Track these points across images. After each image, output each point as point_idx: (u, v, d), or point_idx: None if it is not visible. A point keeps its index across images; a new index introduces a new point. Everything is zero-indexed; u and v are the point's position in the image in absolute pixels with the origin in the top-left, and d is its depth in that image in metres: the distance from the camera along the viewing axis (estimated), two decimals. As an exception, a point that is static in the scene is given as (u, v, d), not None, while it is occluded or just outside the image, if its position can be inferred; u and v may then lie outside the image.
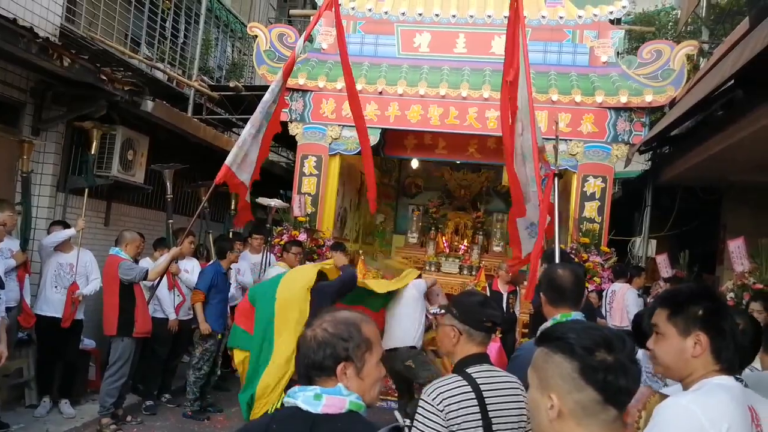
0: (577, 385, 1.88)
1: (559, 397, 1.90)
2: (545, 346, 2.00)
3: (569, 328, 1.99)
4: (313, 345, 2.30)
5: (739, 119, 7.71)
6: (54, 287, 8.18)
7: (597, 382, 1.86)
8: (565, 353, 1.92)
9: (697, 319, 2.65)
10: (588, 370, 1.87)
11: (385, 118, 11.96)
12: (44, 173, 8.89)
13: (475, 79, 11.69)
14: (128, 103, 8.91)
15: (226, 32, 14.64)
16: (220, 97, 12.93)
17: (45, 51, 7.19)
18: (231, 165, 7.98)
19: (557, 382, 1.92)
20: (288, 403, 2.30)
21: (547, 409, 1.92)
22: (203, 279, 8.97)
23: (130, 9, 10.82)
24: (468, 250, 16.04)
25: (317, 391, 2.25)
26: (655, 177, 12.02)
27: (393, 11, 12.47)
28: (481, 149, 13.76)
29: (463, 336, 3.55)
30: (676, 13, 18.02)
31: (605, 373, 1.85)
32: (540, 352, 2.01)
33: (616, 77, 11.43)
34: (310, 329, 2.35)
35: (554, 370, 1.93)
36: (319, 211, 12.21)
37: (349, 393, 2.26)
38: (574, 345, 1.91)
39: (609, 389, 1.86)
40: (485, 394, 3.31)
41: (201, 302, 8.81)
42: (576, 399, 1.88)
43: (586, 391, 1.87)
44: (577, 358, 1.89)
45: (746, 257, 7.78)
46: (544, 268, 6.40)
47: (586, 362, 1.87)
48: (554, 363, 1.94)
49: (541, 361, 2.00)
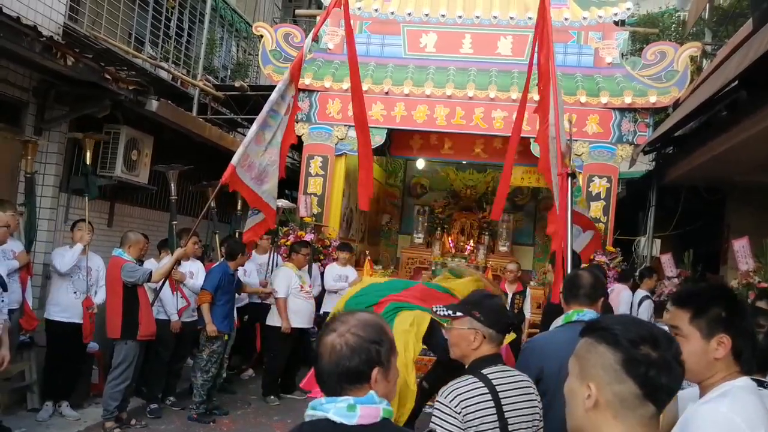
0: (618, 377, 1.86)
1: (597, 387, 1.89)
2: (590, 337, 1.98)
3: (616, 321, 1.98)
4: (346, 351, 2.16)
5: (742, 120, 7.70)
6: (73, 293, 8.11)
7: (638, 375, 1.83)
8: (609, 344, 1.90)
9: (720, 320, 2.62)
10: (631, 363, 1.85)
11: (391, 118, 11.98)
12: (47, 173, 8.85)
13: (482, 79, 11.71)
14: (133, 103, 8.88)
15: (231, 31, 14.64)
16: (225, 97, 12.92)
17: (48, 50, 7.18)
18: (237, 164, 7.98)
19: (598, 372, 1.90)
20: (314, 416, 2.19)
21: (584, 398, 1.91)
22: (210, 279, 8.83)
23: (134, 8, 10.81)
24: (474, 251, 16.01)
25: (350, 402, 2.13)
26: (659, 177, 12.01)
27: (399, 11, 12.48)
28: (487, 149, 13.78)
29: (486, 339, 3.52)
30: (680, 14, 18.00)
31: (648, 368, 1.83)
32: (584, 342, 1.99)
33: (620, 78, 11.43)
34: (335, 335, 2.20)
35: (596, 360, 1.91)
36: (325, 211, 12.23)
37: (380, 400, 2.16)
38: (619, 336, 1.89)
39: (650, 384, 1.83)
40: (501, 395, 3.31)
41: (208, 303, 8.68)
42: (615, 391, 1.86)
43: (627, 383, 1.84)
44: (621, 349, 1.87)
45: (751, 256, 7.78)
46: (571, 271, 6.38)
47: (629, 354, 1.85)
48: (597, 353, 1.92)
49: (584, 350, 1.98)
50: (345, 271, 11.13)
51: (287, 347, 9.81)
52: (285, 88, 8.34)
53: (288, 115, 8.70)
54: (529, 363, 3.85)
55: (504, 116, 11.70)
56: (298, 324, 9.79)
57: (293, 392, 10.10)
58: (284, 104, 8.45)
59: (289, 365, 10.07)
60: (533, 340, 4.12)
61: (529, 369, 3.76)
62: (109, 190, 9.85)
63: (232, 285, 9.08)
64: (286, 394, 10.00)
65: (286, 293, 9.65)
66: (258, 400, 9.73)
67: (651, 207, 12.14)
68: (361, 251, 14.00)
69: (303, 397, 9.88)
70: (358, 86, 9.26)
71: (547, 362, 3.76)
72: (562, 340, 3.78)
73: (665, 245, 12.36)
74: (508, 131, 11.74)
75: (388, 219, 17.80)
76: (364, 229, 16.05)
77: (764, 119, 7.09)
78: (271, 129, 8.38)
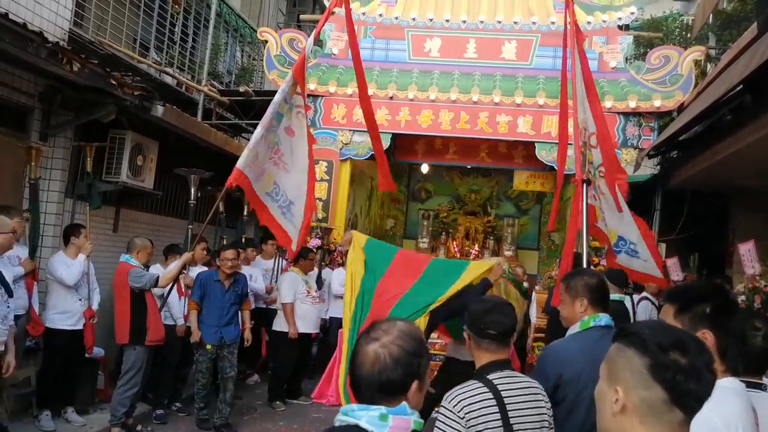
0: (645, 382, 1.85)
1: (625, 391, 1.88)
2: (620, 341, 1.98)
3: (646, 326, 1.97)
4: (389, 363, 2.15)
5: (747, 124, 7.69)
6: (78, 300, 8.07)
7: (666, 380, 1.82)
8: (637, 348, 1.89)
9: (704, 316, 2.63)
10: (658, 368, 1.84)
11: (396, 123, 12.00)
12: (52, 179, 8.81)
13: (486, 83, 11.73)
14: (138, 108, 8.86)
15: (236, 37, 14.66)
16: (229, 102, 12.95)
17: (54, 56, 7.18)
18: (243, 168, 7.90)
19: (625, 376, 1.89)
20: (345, 421, 2.16)
21: (612, 402, 1.91)
22: (193, 289, 8.72)
23: (139, 13, 10.83)
24: (479, 255, 16.03)
25: (383, 411, 2.12)
26: (664, 181, 11.99)
27: (403, 17, 12.51)
28: (492, 154, 13.79)
29: (472, 342, 3.58)
30: (683, 18, 18.00)
31: (675, 373, 1.82)
32: (614, 347, 1.99)
33: (625, 82, 11.45)
34: (377, 344, 2.19)
35: (624, 363, 1.91)
36: (330, 216, 12.27)
37: (411, 412, 2.15)
38: (648, 341, 1.88)
39: (677, 390, 1.82)
40: (506, 400, 3.31)
41: (195, 310, 8.54)
42: (642, 396, 1.85)
43: (654, 389, 1.84)
44: (648, 354, 1.86)
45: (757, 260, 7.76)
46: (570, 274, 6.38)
47: (657, 359, 1.85)
48: (626, 357, 1.92)
49: (613, 354, 1.98)
50: (351, 276, 11.15)
51: (293, 352, 9.82)
52: (288, 89, 8.33)
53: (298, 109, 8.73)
54: (546, 369, 3.85)
55: (508, 120, 11.72)
56: (305, 329, 9.81)
57: (299, 397, 10.11)
58: (286, 106, 8.44)
59: (295, 370, 10.08)
60: (550, 347, 4.11)
61: (547, 375, 3.77)
62: (115, 195, 9.84)
63: (224, 293, 8.69)
64: (292, 399, 10.02)
65: (292, 298, 9.66)
66: (264, 405, 9.75)
67: (656, 211, 12.12)
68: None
69: (309, 403, 9.91)
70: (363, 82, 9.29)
71: (566, 369, 3.75)
72: (580, 346, 3.80)
73: (670, 249, 12.34)
74: (512, 136, 11.83)
75: (393, 223, 17.85)
76: (369, 233, 16.03)
77: (769, 124, 7.09)
78: (274, 130, 8.37)
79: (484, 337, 3.52)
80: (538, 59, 11.99)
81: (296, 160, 8.80)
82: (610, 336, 2.08)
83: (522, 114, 11.65)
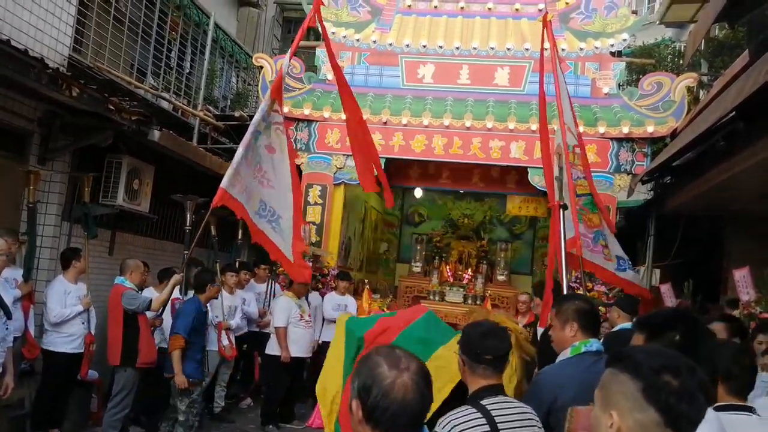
0: (639, 405, 1.87)
1: (620, 415, 1.91)
2: (613, 366, 2.01)
3: (640, 350, 2.02)
4: (416, 396, 2.14)
5: (740, 151, 7.75)
6: (82, 323, 8.12)
7: (658, 402, 1.85)
8: (630, 372, 1.92)
9: (673, 345, 2.64)
10: (651, 391, 1.86)
11: (390, 148, 12.04)
12: (50, 202, 8.88)
13: (479, 109, 11.79)
14: (135, 133, 8.93)
15: (231, 62, 14.73)
16: (224, 127, 12.99)
17: (55, 81, 7.25)
18: (227, 187, 7.87)
19: (619, 400, 1.92)
20: None
21: (608, 426, 1.93)
22: (182, 321, 7.87)
23: (136, 39, 10.89)
24: (472, 279, 16.04)
25: None
26: (657, 206, 12.04)
27: (397, 43, 12.58)
28: (485, 178, 13.83)
29: (467, 367, 3.58)
30: (675, 45, 18.14)
31: (668, 396, 1.85)
32: (608, 372, 2.02)
33: (617, 108, 11.52)
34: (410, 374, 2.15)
35: (618, 387, 1.94)
36: (323, 239, 12.27)
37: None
38: (641, 365, 1.91)
39: (670, 413, 1.84)
40: (500, 426, 3.29)
41: (180, 349, 7.75)
42: (637, 419, 1.87)
43: (648, 411, 1.86)
44: (641, 377, 1.89)
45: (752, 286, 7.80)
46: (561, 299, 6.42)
47: (649, 382, 1.87)
48: (619, 381, 1.94)
49: (607, 379, 2.01)
50: (344, 300, 11.19)
51: (286, 376, 9.82)
52: (266, 108, 8.39)
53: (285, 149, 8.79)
54: (540, 395, 3.84)
55: (501, 146, 11.77)
56: (297, 353, 9.81)
57: (292, 421, 10.10)
58: (264, 123, 8.47)
59: (288, 394, 10.08)
60: (544, 372, 4.09)
61: (541, 401, 3.76)
62: (111, 219, 9.88)
63: (205, 324, 8.39)
64: (285, 423, 9.99)
65: (285, 323, 9.67)
66: (256, 429, 9.73)
67: (650, 236, 12.16)
68: (360, 280, 14.01)
69: (302, 427, 9.89)
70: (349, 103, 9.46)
71: (560, 393, 3.74)
72: (573, 371, 3.81)
73: (665, 275, 12.39)
74: (505, 161, 11.87)
75: (386, 247, 17.88)
76: (362, 257, 16.09)
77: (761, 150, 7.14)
78: (253, 149, 8.38)
79: (480, 362, 3.52)
80: (531, 85, 12.04)
81: (280, 177, 8.81)
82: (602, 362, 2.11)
83: (515, 139, 11.70)
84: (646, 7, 22.96)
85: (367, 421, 2.15)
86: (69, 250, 8.42)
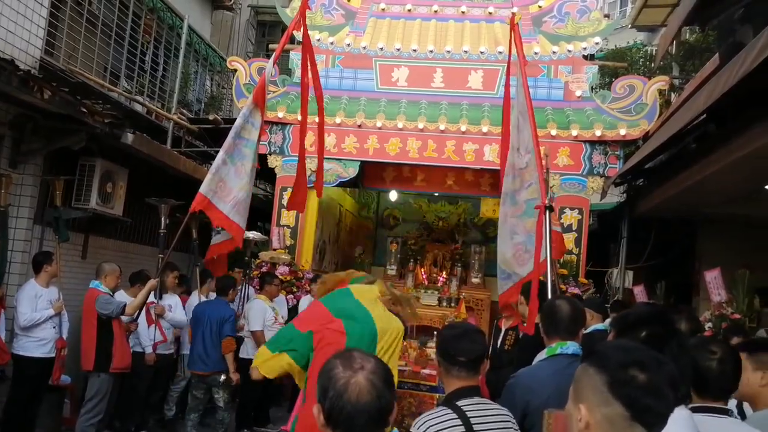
0: (606, 399, 1.89)
1: (588, 409, 1.93)
2: (584, 361, 2.03)
3: (610, 346, 2.04)
4: (382, 387, 2.13)
5: (711, 153, 7.82)
6: (53, 327, 8.03)
7: (623, 397, 1.87)
8: (598, 366, 1.94)
9: (639, 341, 2.64)
10: (616, 385, 1.88)
11: (364, 151, 12.04)
12: (21, 206, 8.79)
13: (453, 112, 11.81)
14: (108, 136, 8.87)
15: (205, 66, 14.67)
16: (198, 130, 12.95)
17: (26, 84, 7.20)
18: (206, 193, 7.70)
19: (588, 394, 1.94)
20: None
21: (577, 420, 1.95)
22: (230, 325, 8.73)
23: (110, 42, 10.81)
24: (447, 282, 16.06)
25: None
26: (630, 209, 12.13)
27: (371, 46, 12.59)
28: (459, 181, 13.84)
29: (442, 369, 3.57)
30: (647, 49, 18.26)
31: (633, 390, 1.86)
32: (580, 367, 2.04)
33: (590, 111, 11.58)
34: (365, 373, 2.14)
35: (587, 382, 1.96)
36: (298, 243, 12.24)
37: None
38: (608, 359, 1.93)
39: (636, 406, 1.86)
40: (475, 427, 3.29)
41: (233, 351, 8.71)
42: (604, 413, 1.89)
43: (614, 405, 1.88)
44: (608, 371, 1.91)
45: (723, 288, 7.87)
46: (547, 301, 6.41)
47: (615, 376, 1.89)
48: (588, 375, 1.97)
49: (579, 374, 2.03)
50: (319, 303, 11.15)
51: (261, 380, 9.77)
52: (249, 113, 8.26)
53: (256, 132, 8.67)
54: (514, 398, 3.85)
55: (475, 149, 11.80)
56: (273, 356, 9.77)
57: (266, 425, 10.07)
58: (254, 131, 8.37)
59: (262, 398, 10.04)
60: (517, 375, 4.06)
61: (515, 404, 3.77)
62: (84, 222, 9.80)
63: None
64: (259, 427, 9.95)
65: (262, 326, 9.65)
66: (231, 433, 9.70)
67: (623, 239, 12.25)
68: (335, 283, 13.95)
69: (276, 430, 9.85)
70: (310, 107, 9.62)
71: (533, 396, 3.76)
72: (547, 373, 3.83)
73: (637, 277, 12.46)
74: (479, 164, 11.89)
75: (361, 251, 17.84)
76: (337, 260, 16.06)
77: (733, 152, 7.22)
78: (248, 159, 8.28)
79: (455, 364, 3.51)
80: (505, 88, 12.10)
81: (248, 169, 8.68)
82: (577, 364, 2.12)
83: (488, 142, 11.71)
84: (618, 11, 23.14)
85: (327, 423, 2.14)
86: (40, 254, 8.34)
